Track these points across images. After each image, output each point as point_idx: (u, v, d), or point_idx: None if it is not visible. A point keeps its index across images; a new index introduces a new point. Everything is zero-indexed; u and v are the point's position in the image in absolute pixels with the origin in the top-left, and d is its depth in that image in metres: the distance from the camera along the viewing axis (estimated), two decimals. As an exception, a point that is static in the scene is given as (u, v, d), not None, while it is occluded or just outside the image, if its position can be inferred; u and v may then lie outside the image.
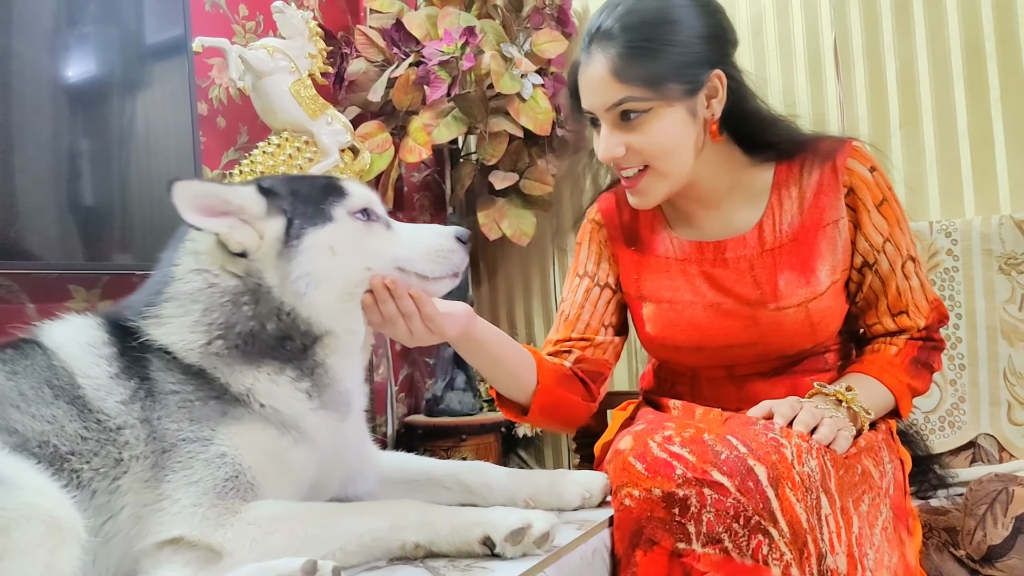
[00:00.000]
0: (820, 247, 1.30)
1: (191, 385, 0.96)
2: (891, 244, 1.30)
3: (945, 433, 1.82)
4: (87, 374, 0.95)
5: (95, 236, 2.03)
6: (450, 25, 2.62)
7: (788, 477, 0.99)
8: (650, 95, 1.21)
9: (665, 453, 1.04)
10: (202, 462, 0.92)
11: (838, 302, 1.32)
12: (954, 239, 1.88)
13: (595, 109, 1.26)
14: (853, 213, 1.31)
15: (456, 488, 1.18)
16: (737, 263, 1.33)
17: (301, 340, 1.01)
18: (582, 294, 1.45)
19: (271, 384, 0.99)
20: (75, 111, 2.05)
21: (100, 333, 1.00)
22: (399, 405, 3.01)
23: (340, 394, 1.06)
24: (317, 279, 1.01)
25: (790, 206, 1.32)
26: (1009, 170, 2.06)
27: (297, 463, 1.00)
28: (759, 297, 1.30)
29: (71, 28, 2.08)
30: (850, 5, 2.34)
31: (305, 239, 1.01)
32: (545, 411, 1.35)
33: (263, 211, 1.02)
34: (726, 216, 1.36)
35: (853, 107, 2.34)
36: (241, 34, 2.69)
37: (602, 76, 1.22)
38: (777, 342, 1.32)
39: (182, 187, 0.96)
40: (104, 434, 0.92)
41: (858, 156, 1.31)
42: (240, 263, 1.00)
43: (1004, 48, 2.07)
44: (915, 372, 1.31)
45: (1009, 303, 1.79)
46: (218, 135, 2.60)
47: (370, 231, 1.07)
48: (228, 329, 0.99)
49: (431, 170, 3.04)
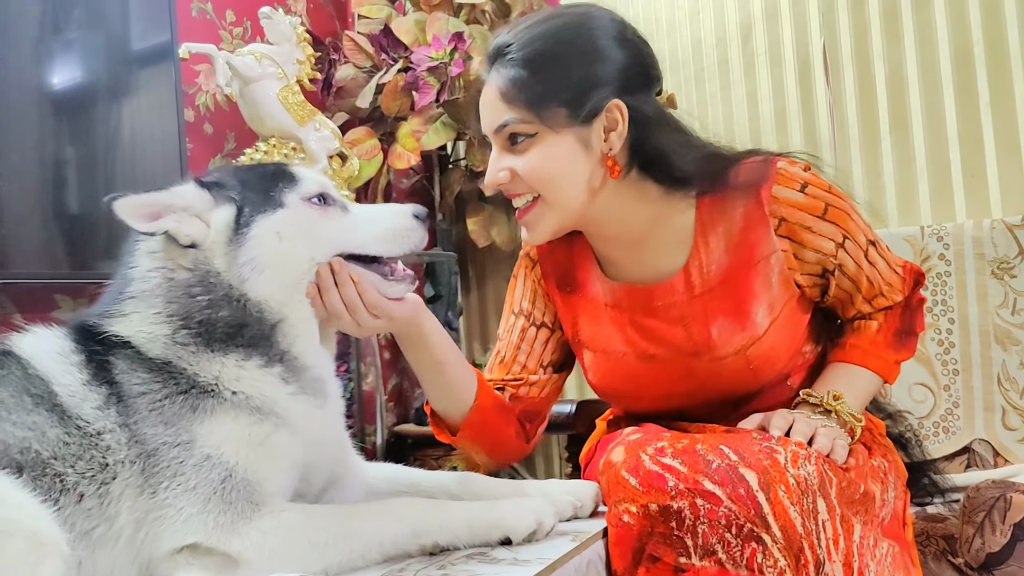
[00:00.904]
0: (754, 287, 1.22)
1: (157, 383, 0.96)
2: (850, 240, 1.23)
3: (940, 439, 1.82)
4: (61, 382, 0.96)
5: (81, 244, 2.01)
6: (438, 31, 2.62)
7: (781, 480, 0.96)
8: (533, 119, 1.15)
9: (657, 466, 1.02)
10: (192, 467, 0.92)
11: (785, 337, 1.24)
12: (946, 243, 1.88)
13: (487, 130, 1.22)
14: (790, 241, 1.22)
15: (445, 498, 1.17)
16: (667, 312, 1.25)
17: (258, 327, 1.02)
18: (517, 334, 1.38)
19: (238, 369, 0.99)
20: (60, 118, 2.03)
21: (67, 342, 1.01)
22: (388, 415, 2.99)
23: (315, 380, 1.06)
24: (261, 265, 1.02)
25: (717, 245, 1.23)
26: (999, 174, 2.06)
27: (282, 447, 1.00)
28: (692, 348, 1.24)
29: (56, 34, 2.06)
30: (839, 11, 2.34)
31: (253, 226, 1.03)
32: (474, 428, 1.26)
33: (208, 203, 1.03)
34: (650, 259, 1.27)
35: (843, 112, 2.34)
36: (228, 40, 2.67)
37: (492, 97, 1.19)
38: (718, 390, 1.27)
39: (121, 204, 0.99)
40: (85, 439, 0.93)
41: (784, 180, 1.20)
42: (189, 255, 1.02)
43: (993, 52, 2.07)
44: (899, 344, 1.28)
45: (1002, 308, 1.79)
46: (205, 142, 2.58)
47: (325, 215, 1.08)
48: (187, 319, 1.00)
49: (420, 176, 3.03)
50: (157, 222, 1.00)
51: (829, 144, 2.36)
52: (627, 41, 1.20)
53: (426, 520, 0.98)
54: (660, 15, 2.81)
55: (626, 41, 1.20)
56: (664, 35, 2.79)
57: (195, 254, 1.02)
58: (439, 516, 0.99)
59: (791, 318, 1.26)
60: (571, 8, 1.27)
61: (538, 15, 1.22)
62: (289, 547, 0.91)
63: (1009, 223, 1.81)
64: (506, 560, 0.96)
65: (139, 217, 1.00)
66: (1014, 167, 2.04)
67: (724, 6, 2.63)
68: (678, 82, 2.75)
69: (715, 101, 2.66)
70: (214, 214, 1.03)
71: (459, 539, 0.99)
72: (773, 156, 1.24)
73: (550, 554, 0.97)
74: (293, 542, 0.92)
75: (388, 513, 0.99)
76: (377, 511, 0.99)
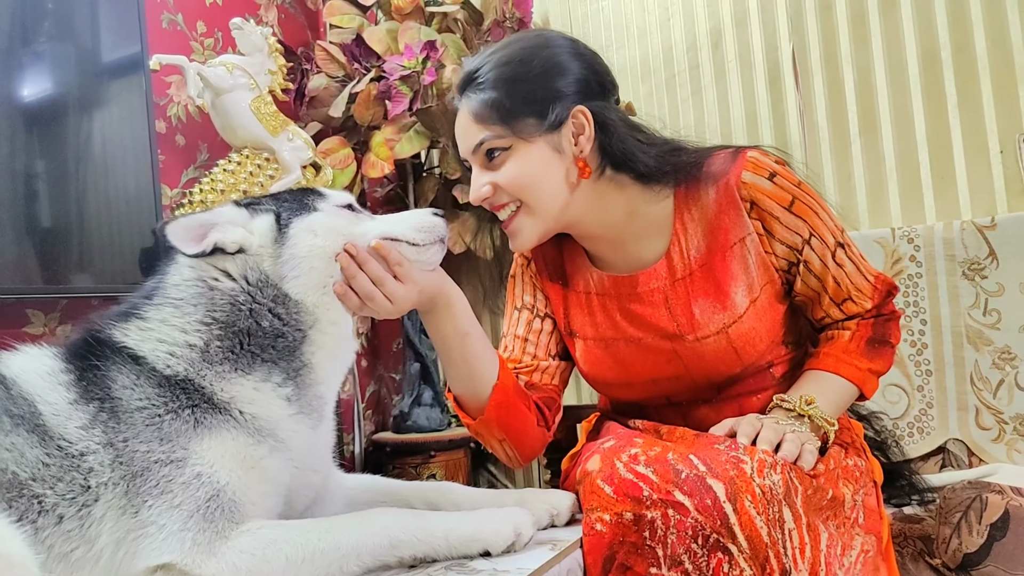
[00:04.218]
0: (732, 268, 1.27)
1: (162, 399, 0.97)
2: (816, 238, 1.26)
3: (914, 439, 1.83)
4: (47, 400, 0.96)
5: (52, 259, 1.98)
6: (411, 39, 2.61)
7: (747, 491, 0.97)
8: (506, 132, 1.23)
9: (631, 474, 1.03)
10: (180, 485, 0.92)
11: (763, 321, 1.28)
12: (916, 245, 1.90)
13: (464, 153, 1.29)
14: (761, 225, 1.27)
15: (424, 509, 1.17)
16: (651, 296, 1.31)
17: (292, 336, 1.06)
18: (523, 326, 1.43)
19: (254, 392, 1.02)
20: (30, 131, 2.01)
21: (56, 362, 1.01)
22: (366, 423, 2.98)
23: (317, 398, 1.09)
24: (298, 259, 1.08)
25: (695, 231, 1.29)
26: (968, 176, 2.08)
27: (273, 470, 1.01)
28: (676, 329, 1.29)
29: (25, 46, 2.04)
30: (807, 16, 2.36)
31: (292, 226, 1.10)
32: (499, 409, 1.27)
33: (246, 216, 1.10)
34: (633, 251, 1.33)
35: (813, 116, 2.36)
36: (200, 51, 2.65)
37: (466, 122, 1.27)
38: (702, 372, 1.30)
39: (172, 229, 1.05)
40: (67, 460, 0.92)
41: (753, 167, 1.26)
42: (239, 260, 1.07)
43: (960, 56, 2.10)
44: (873, 353, 1.29)
45: (973, 308, 1.81)
46: (177, 153, 2.56)
47: (356, 218, 1.17)
48: (227, 328, 1.04)
49: (394, 185, 3.02)
50: (204, 241, 1.05)
51: (800, 147, 2.38)
52: (581, 55, 1.29)
53: (404, 531, 0.98)
54: (631, 22, 2.82)
55: (580, 55, 1.29)
56: (635, 41, 2.81)
57: (243, 259, 1.07)
58: (417, 527, 0.99)
59: (770, 304, 1.29)
60: (528, 33, 1.41)
61: (500, 43, 1.31)
62: (266, 565, 0.91)
63: (979, 224, 1.83)
64: (485, 571, 0.96)
65: (188, 240, 1.05)
66: (982, 168, 2.07)
67: (694, 13, 2.65)
68: (649, 88, 2.76)
69: (687, 106, 2.68)
70: (254, 223, 1.10)
71: (437, 551, 0.99)
72: (744, 147, 1.30)
73: (529, 564, 0.98)
74: (270, 559, 0.91)
75: (366, 525, 0.98)
76: (355, 523, 0.99)
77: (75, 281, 2.02)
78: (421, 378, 2.80)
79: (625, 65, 2.83)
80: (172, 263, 1.10)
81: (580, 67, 1.27)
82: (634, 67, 2.83)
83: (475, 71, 1.27)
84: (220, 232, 1.06)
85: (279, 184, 2.40)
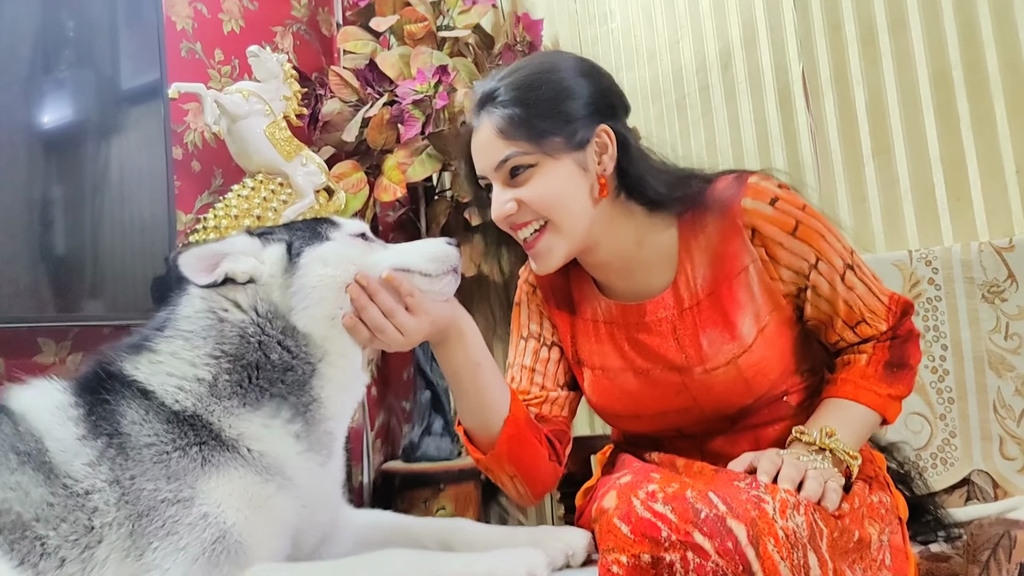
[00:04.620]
0: (738, 297, 1.25)
1: (170, 435, 0.95)
2: (823, 263, 1.24)
3: (938, 470, 1.76)
4: (54, 436, 0.94)
5: (65, 286, 1.99)
6: (423, 64, 2.62)
7: (770, 533, 0.93)
8: (533, 149, 1.22)
9: (649, 512, 0.99)
10: (186, 526, 0.91)
11: (774, 350, 1.26)
12: (935, 267, 1.86)
13: (485, 171, 1.27)
14: (764, 252, 1.25)
15: (435, 547, 1.16)
16: (659, 326, 1.29)
17: (301, 369, 1.05)
18: (531, 356, 1.40)
19: (263, 429, 1.01)
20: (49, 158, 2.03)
21: (66, 396, 1.00)
22: (375, 453, 2.96)
23: (326, 434, 1.07)
24: (308, 290, 1.07)
25: (701, 260, 1.28)
26: (984, 196, 2.05)
27: (281, 510, 0.99)
28: (684, 362, 1.27)
29: (46, 74, 2.06)
30: (817, 37, 2.35)
31: (303, 255, 1.09)
32: (511, 443, 1.24)
33: (258, 246, 1.10)
34: (641, 280, 1.32)
35: (825, 137, 2.34)
36: (217, 78, 2.67)
37: (489, 137, 1.24)
38: (712, 404, 1.27)
39: (184, 259, 1.04)
40: (71, 499, 0.91)
41: (754, 192, 1.24)
42: (249, 291, 1.06)
43: (971, 75, 2.07)
44: (892, 377, 1.26)
45: (995, 332, 1.76)
46: (192, 179, 2.57)
47: (369, 248, 1.16)
48: (235, 361, 1.03)
49: (406, 208, 3.02)
50: (215, 272, 1.05)
51: (812, 169, 2.37)
52: (598, 77, 1.29)
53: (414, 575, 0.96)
54: (640, 44, 2.82)
55: (598, 74, 1.29)
56: (645, 63, 2.81)
57: (253, 290, 1.07)
58: (427, 570, 0.97)
59: (779, 331, 1.27)
60: (540, 54, 1.40)
61: (517, 63, 1.30)
62: None
63: (997, 246, 1.80)
64: (498, 612, 0.94)
65: (200, 270, 1.05)
66: (998, 189, 2.04)
67: (703, 34, 2.64)
68: (660, 109, 2.76)
69: (697, 127, 2.67)
70: (266, 252, 1.10)
71: None
72: (747, 172, 1.28)
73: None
74: None
75: (375, 568, 0.96)
76: (364, 566, 0.97)
77: (87, 309, 2.03)
78: (432, 407, 2.78)
79: (635, 87, 2.83)
80: (184, 294, 1.09)
81: (599, 86, 1.27)
82: (644, 89, 2.82)
83: (494, 90, 1.25)
84: (231, 262, 1.06)
85: (292, 209, 2.41)
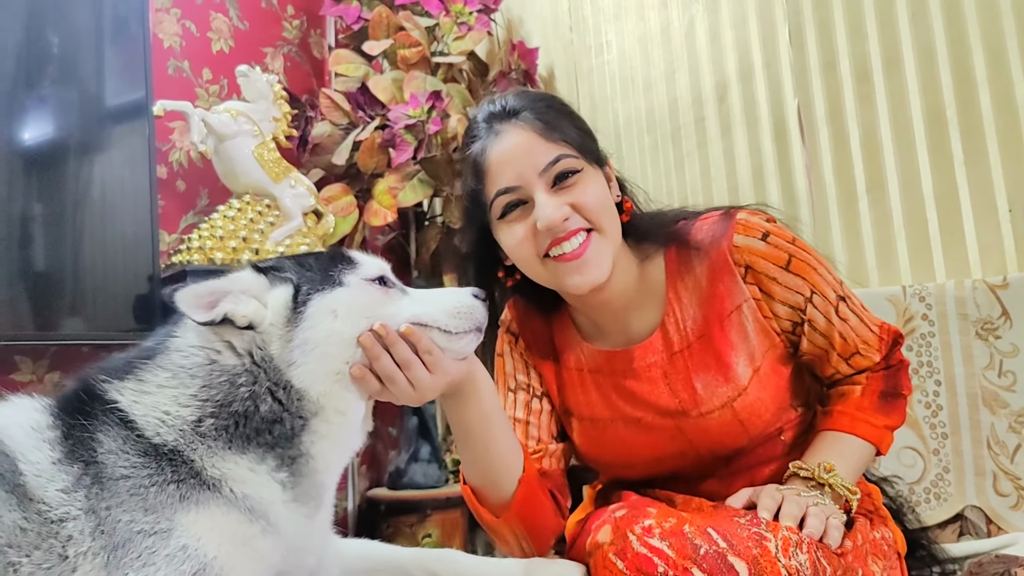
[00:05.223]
0: (731, 338, 1.22)
1: (147, 469, 0.90)
2: (818, 295, 1.21)
3: (931, 505, 1.77)
4: (29, 459, 0.90)
5: (44, 304, 1.95)
6: (416, 89, 2.61)
7: (772, 571, 0.90)
8: (578, 155, 1.19)
9: (645, 548, 0.96)
10: (164, 558, 0.86)
11: (768, 390, 1.22)
12: (928, 304, 1.86)
13: (525, 176, 1.18)
14: (760, 290, 1.22)
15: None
16: (648, 371, 1.25)
17: (291, 423, 0.98)
18: (522, 408, 1.33)
19: (249, 473, 0.95)
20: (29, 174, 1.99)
21: (44, 416, 0.95)
22: (361, 479, 2.91)
23: (315, 487, 1.01)
24: (312, 345, 0.98)
25: (689, 300, 1.24)
26: (977, 233, 2.06)
27: (264, 551, 0.94)
28: (678, 406, 1.23)
29: (29, 90, 2.02)
30: (812, 72, 2.36)
31: (310, 305, 1.00)
32: (525, 505, 1.18)
33: (264, 285, 1.01)
34: (632, 319, 1.28)
35: (819, 172, 2.34)
36: (204, 97, 2.65)
37: (530, 140, 1.18)
38: (708, 447, 1.24)
39: (181, 296, 0.96)
40: (45, 526, 0.87)
41: (744, 229, 1.21)
42: (246, 336, 0.99)
43: (965, 114, 2.08)
44: (887, 407, 1.24)
45: (988, 369, 1.76)
46: (177, 199, 2.54)
47: (387, 295, 1.06)
48: (222, 408, 0.96)
49: (396, 233, 3.00)
50: (215, 309, 0.97)
51: (807, 203, 2.36)
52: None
53: None
54: (636, 75, 2.83)
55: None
56: (640, 93, 2.81)
57: (251, 337, 0.99)
58: None
59: (774, 369, 1.24)
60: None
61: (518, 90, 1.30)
62: None
63: (991, 283, 1.80)
64: (490, 648, 0.90)
65: (199, 308, 0.97)
66: (991, 226, 2.04)
67: (699, 66, 2.65)
68: (654, 140, 2.76)
69: (692, 159, 2.67)
70: (271, 295, 1.01)
71: None
72: (734, 208, 1.26)
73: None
74: None
75: None
76: None
77: (67, 327, 1.99)
78: (419, 433, 2.74)
79: (630, 117, 2.83)
80: (182, 322, 1.02)
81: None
82: (639, 119, 2.82)
83: (516, 103, 1.21)
84: (232, 303, 0.98)
85: (280, 231, 2.38)
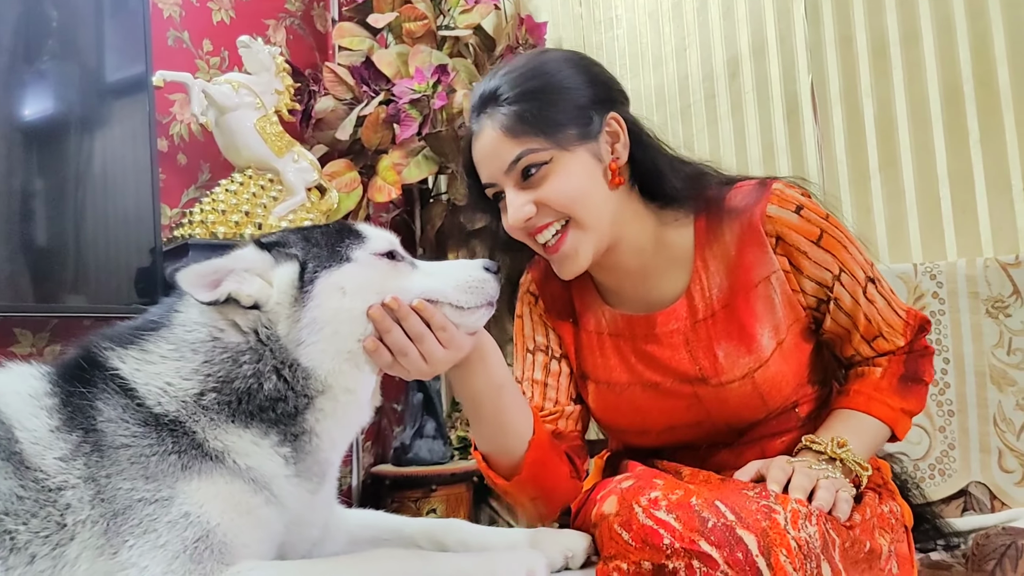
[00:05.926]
0: (756, 308, 1.20)
1: (148, 439, 0.89)
2: (846, 274, 1.19)
3: (936, 481, 1.76)
4: (26, 427, 0.89)
5: (46, 277, 1.93)
6: (421, 63, 2.58)
7: (782, 543, 0.89)
8: (546, 144, 1.14)
9: (651, 520, 0.95)
10: (166, 524, 0.85)
11: (790, 364, 1.21)
12: (939, 281, 1.84)
13: (494, 176, 1.18)
14: (788, 261, 1.20)
15: (430, 547, 1.11)
16: (670, 338, 1.23)
17: (295, 402, 0.96)
18: (540, 370, 1.32)
19: (252, 446, 0.93)
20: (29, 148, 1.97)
21: (42, 383, 0.94)
22: (365, 455, 2.90)
23: (318, 463, 1.00)
24: (321, 324, 0.96)
25: (717, 268, 1.22)
26: (990, 212, 2.03)
27: (268, 521, 0.94)
28: (698, 373, 1.21)
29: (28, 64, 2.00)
30: (827, 48, 2.32)
31: (317, 282, 0.98)
32: (536, 468, 1.17)
33: (269, 263, 0.99)
34: (653, 285, 1.25)
35: (832, 149, 2.31)
36: (205, 69, 2.62)
37: (495, 139, 1.16)
38: (724, 418, 1.23)
39: (183, 275, 0.94)
40: (43, 494, 0.86)
41: (779, 200, 1.19)
42: (250, 316, 0.96)
43: (982, 90, 2.05)
44: (906, 391, 1.22)
45: (997, 347, 1.75)
46: (178, 172, 2.52)
47: (396, 270, 1.03)
48: (225, 384, 0.94)
49: (400, 210, 2.98)
50: (219, 289, 0.95)
51: (818, 180, 2.33)
52: (591, 63, 1.24)
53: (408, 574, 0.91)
54: (647, 50, 2.79)
55: (590, 63, 1.24)
56: (651, 70, 2.77)
57: (256, 316, 0.97)
58: (422, 570, 0.92)
59: (796, 344, 1.22)
60: (528, 53, 1.32)
61: (513, 62, 1.23)
62: None
63: (1003, 261, 1.78)
64: (496, 616, 0.89)
65: (202, 287, 0.95)
66: (1005, 205, 2.01)
67: (711, 42, 2.61)
68: (664, 117, 2.73)
69: (702, 136, 2.64)
70: (276, 273, 0.98)
71: None
72: (770, 179, 1.23)
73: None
74: None
75: (367, 568, 0.91)
76: (355, 566, 0.92)
77: (68, 301, 1.97)
78: (424, 409, 2.73)
79: (640, 93, 2.79)
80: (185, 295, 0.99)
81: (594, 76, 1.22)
82: (648, 96, 2.79)
83: (495, 88, 1.18)
84: (235, 282, 0.96)
85: (283, 206, 2.35)
